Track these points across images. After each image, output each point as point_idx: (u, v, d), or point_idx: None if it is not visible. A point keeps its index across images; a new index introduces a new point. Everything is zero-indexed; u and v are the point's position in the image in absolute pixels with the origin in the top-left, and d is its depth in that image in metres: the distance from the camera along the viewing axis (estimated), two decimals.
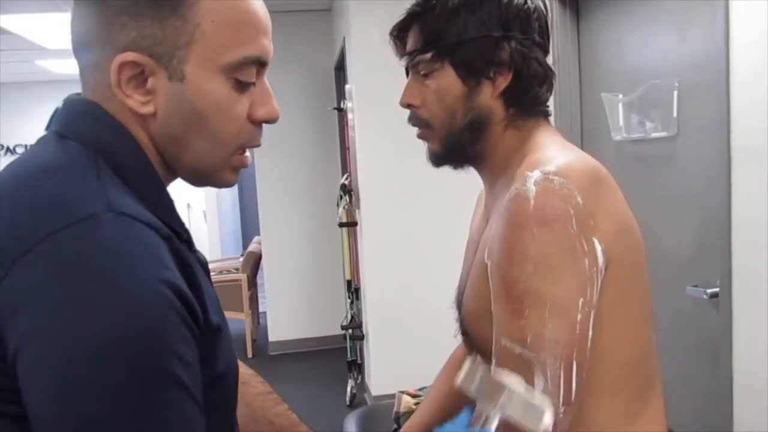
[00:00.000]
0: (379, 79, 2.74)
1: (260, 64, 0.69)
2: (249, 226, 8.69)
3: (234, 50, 0.66)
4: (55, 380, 0.53)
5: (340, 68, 4.22)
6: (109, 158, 0.64)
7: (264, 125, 0.72)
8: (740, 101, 1.53)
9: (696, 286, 1.73)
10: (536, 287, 0.76)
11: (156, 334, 0.55)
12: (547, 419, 0.68)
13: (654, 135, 1.94)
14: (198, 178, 0.72)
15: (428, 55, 0.91)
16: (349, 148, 3.67)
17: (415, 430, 1.16)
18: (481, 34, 0.89)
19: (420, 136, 0.98)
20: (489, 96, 0.91)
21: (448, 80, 0.91)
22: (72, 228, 0.56)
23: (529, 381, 0.74)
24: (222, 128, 0.68)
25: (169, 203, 0.68)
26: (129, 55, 0.63)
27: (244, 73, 0.67)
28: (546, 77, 0.92)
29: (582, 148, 2.37)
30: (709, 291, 1.67)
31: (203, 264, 0.76)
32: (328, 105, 4.39)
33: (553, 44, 2.35)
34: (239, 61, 0.66)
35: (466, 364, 0.73)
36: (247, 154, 0.72)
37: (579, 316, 0.75)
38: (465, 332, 0.98)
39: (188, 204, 7.29)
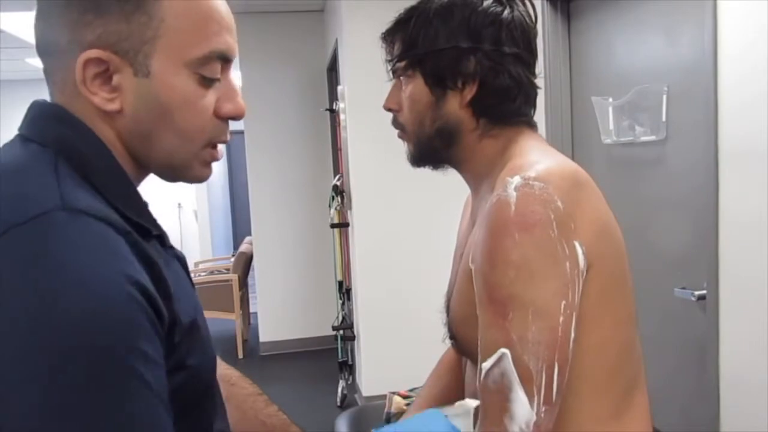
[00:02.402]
0: (371, 80, 2.73)
1: (225, 59, 0.70)
2: (241, 227, 8.68)
3: (198, 45, 0.67)
4: (10, 390, 0.52)
5: (333, 69, 4.23)
6: (71, 157, 0.64)
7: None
8: (728, 105, 1.55)
9: (684, 288, 1.75)
10: (518, 291, 0.77)
11: (116, 329, 0.54)
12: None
13: (643, 138, 1.96)
14: (170, 173, 0.72)
15: (403, 63, 0.94)
16: (341, 149, 3.67)
17: None
18: (450, 44, 0.90)
19: (399, 137, 1.01)
20: (456, 106, 0.92)
21: (418, 88, 0.93)
22: (23, 227, 0.55)
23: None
24: (188, 123, 0.68)
25: (136, 199, 0.68)
26: (93, 52, 0.63)
27: (209, 69, 0.68)
28: (519, 90, 0.91)
29: (572, 151, 2.39)
30: (696, 293, 1.68)
31: (180, 259, 0.76)
32: (320, 106, 4.40)
33: (544, 48, 2.37)
34: (204, 56, 0.67)
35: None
36: (219, 147, 0.73)
37: (561, 319, 0.77)
38: (453, 336, 0.99)
39: (179, 204, 7.27)
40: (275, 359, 4.62)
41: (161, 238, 0.71)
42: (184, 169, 0.72)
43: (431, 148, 0.96)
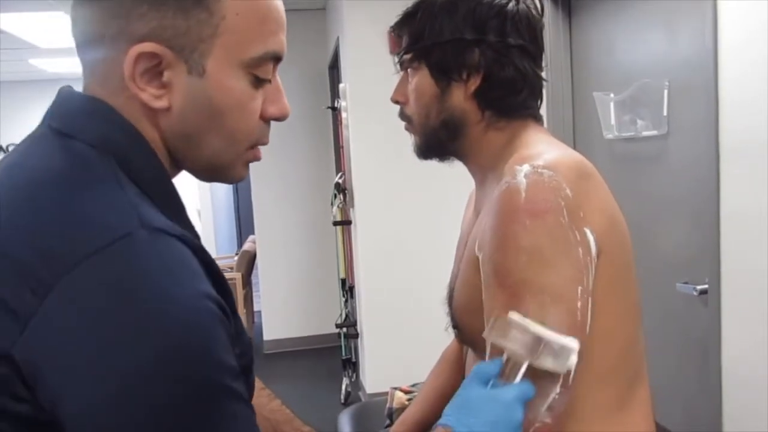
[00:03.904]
0: (372, 78, 2.73)
1: (277, 60, 0.67)
2: (245, 225, 8.68)
3: (257, 45, 0.64)
4: (115, 410, 0.52)
5: (334, 67, 4.23)
6: (121, 161, 0.61)
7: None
8: (729, 100, 1.55)
9: (686, 282, 1.75)
10: (531, 277, 0.77)
11: (208, 350, 0.54)
12: (573, 359, 0.72)
13: (645, 134, 1.95)
14: (208, 174, 0.71)
15: (409, 56, 0.94)
16: (343, 147, 3.67)
17: (406, 427, 1.17)
18: (454, 36, 0.90)
19: (406, 129, 1.02)
20: (461, 98, 0.93)
21: (423, 81, 0.94)
22: (108, 250, 0.53)
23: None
24: (239, 126, 0.66)
25: (181, 207, 0.67)
26: (147, 46, 0.60)
27: (263, 70, 0.65)
28: (525, 82, 0.91)
29: (574, 146, 2.39)
30: (698, 288, 1.68)
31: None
32: (322, 104, 4.40)
33: (545, 44, 2.36)
34: (260, 56, 0.64)
35: (493, 318, 0.74)
36: (260, 147, 0.71)
37: (579, 303, 0.77)
38: (456, 326, 0.99)
39: None
40: (279, 357, 4.62)
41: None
42: (226, 171, 0.70)
43: (437, 140, 0.97)
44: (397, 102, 1.00)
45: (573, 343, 0.72)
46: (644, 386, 0.91)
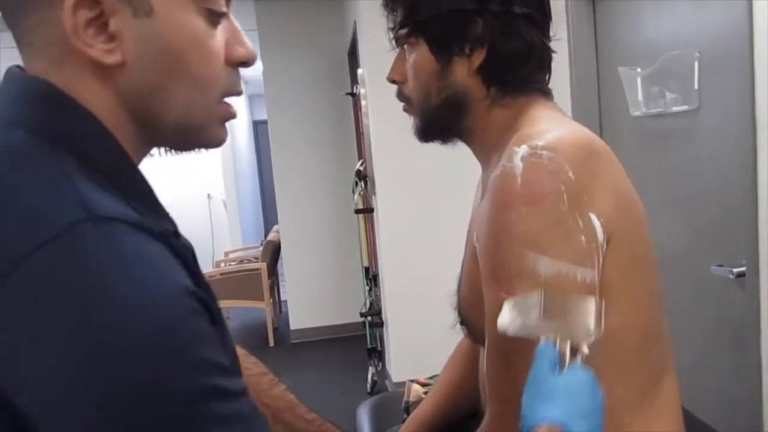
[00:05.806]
0: (390, 62, 2.66)
1: None
2: (271, 215, 8.72)
3: None
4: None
5: (353, 53, 4.17)
6: (71, 146, 0.54)
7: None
8: (764, 70, 1.45)
9: (721, 265, 1.65)
10: (528, 268, 0.71)
11: (186, 351, 0.48)
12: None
13: (674, 109, 1.85)
14: (185, 137, 0.63)
15: (405, 30, 0.88)
16: (363, 134, 3.62)
17: (419, 422, 1.13)
18: (454, 6, 0.83)
19: (405, 110, 0.95)
20: (464, 74, 0.86)
21: (422, 57, 0.87)
22: (47, 248, 0.46)
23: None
24: (202, 69, 0.60)
25: (146, 189, 0.60)
26: None
27: (215, 2, 0.59)
28: (532, 54, 0.84)
29: (600, 125, 2.30)
30: (735, 270, 1.59)
31: (189, 250, 0.68)
32: (341, 91, 4.35)
33: (567, 18, 2.27)
34: None
35: (509, 304, 0.66)
36: (233, 104, 0.65)
37: None
38: (462, 321, 0.94)
39: (208, 194, 7.33)
40: (306, 347, 4.63)
41: (175, 232, 0.62)
42: (202, 129, 0.62)
43: (439, 120, 0.90)
44: (394, 81, 0.93)
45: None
46: (671, 378, 0.85)
